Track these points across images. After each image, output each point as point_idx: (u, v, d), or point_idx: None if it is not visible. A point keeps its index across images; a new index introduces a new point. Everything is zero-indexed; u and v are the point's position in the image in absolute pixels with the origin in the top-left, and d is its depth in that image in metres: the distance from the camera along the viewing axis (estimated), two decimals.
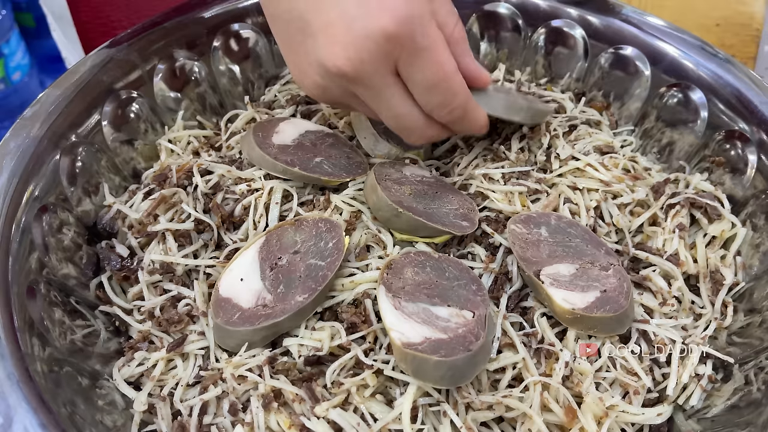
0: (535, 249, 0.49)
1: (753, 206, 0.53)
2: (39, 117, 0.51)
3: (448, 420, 0.41)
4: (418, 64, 0.43)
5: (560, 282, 0.47)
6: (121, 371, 0.45)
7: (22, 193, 0.47)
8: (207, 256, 0.51)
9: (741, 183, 0.55)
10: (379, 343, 0.45)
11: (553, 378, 0.43)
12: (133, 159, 0.58)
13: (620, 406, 0.44)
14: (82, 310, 0.47)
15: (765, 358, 0.45)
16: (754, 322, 0.48)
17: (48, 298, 0.44)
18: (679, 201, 0.54)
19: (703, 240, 0.53)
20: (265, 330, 0.44)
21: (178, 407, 0.43)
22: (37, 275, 0.45)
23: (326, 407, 0.41)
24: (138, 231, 0.51)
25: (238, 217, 0.52)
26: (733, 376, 0.46)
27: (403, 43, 0.42)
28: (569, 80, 0.67)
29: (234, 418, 0.42)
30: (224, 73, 0.65)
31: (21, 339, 0.39)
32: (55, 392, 0.38)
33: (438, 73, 0.44)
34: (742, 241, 0.53)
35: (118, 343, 0.48)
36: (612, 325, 0.46)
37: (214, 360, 0.45)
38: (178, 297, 0.49)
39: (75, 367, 0.42)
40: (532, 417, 0.42)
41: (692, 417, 0.46)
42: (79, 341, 0.45)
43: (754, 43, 0.87)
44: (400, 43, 0.42)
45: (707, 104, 0.58)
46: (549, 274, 0.47)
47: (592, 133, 0.61)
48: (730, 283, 0.51)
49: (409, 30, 0.42)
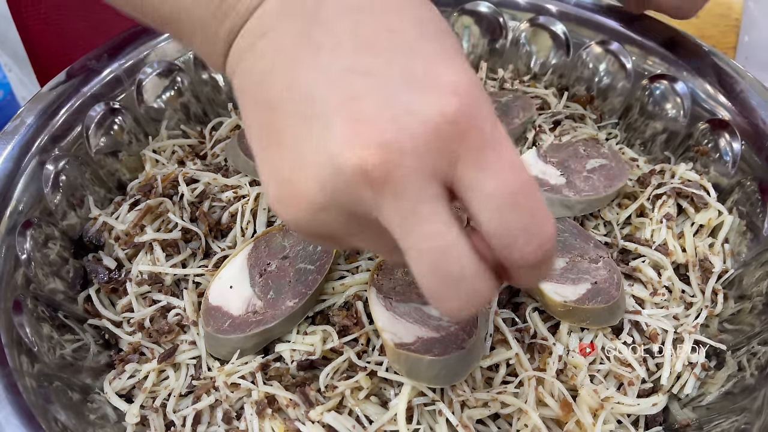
0: None
1: (738, 193, 0.54)
2: (20, 131, 0.51)
3: (443, 419, 0.41)
4: (489, 166, 0.28)
5: (551, 275, 0.47)
6: (112, 384, 0.45)
7: (5, 208, 0.46)
8: (195, 265, 0.50)
9: (726, 171, 0.55)
10: (372, 344, 0.45)
11: (547, 372, 0.43)
12: (117, 170, 0.58)
13: (615, 398, 0.44)
14: (70, 324, 0.47)
15: (757, 343, 0.45)
16: (744, 308, 0.49)
17: (35, 314, 0.44)
18: (666, 191, 0.54)
19: (691, 229, 0.53)
20: (256, 336, 0.44)
21: (171, 418, 0.43)
22: (24, 290, 0.44)
23: (321, 411, 0.41)
24: (125, 242, 0.51)
25: (226, 224, 0.52)
26: (726, 363, 0.46)
27: (467, 132, 0.27)
28: (552, 76, 0.67)
29: (228, 427, 0.42)
30: (207, 82, 0.65)
31: (9, 355, 0.39)
32: (46, 408, 0.38)
33: (518, 181, 0.28)
34: (730, 229, 0.53)
35: (109, 356, 0.48)
36: (604, 316, 0.46)
37: (206, 369, 0.45)
38: (167, 307, 0.48)
39: (65, 381, 0.42)
40: (527, 412, 0.41)
41: (687, 405, 0.46)
42: (68, 356, 0.44)
43: (734, 33, 0.88)
44: (463, 132, 0.27)
45: (690, 95, 0.59)
46: None
47: (577, 127, 0.61)
48: (719, 270, 0.51)
49: (476, 114, 0.27)
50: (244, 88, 0.32)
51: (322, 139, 0.27)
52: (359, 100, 0.27)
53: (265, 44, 0.31)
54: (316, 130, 0.28)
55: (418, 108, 0.27)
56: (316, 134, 0.28)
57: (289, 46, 0.29)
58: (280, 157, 0.29)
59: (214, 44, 0.33)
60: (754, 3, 0.88)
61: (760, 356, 0.44)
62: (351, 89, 0.27)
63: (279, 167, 0.29)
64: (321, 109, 0.28)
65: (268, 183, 0.30)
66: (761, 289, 0.48)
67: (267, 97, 0.30)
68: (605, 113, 0.65)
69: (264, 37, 0.31)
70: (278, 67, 0.30)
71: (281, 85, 0.29)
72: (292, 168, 0.29)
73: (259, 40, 0.31)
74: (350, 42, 0.28)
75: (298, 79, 0.29)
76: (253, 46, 0.31)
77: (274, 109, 0.29)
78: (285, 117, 0.29)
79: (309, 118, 0.28)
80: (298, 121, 0.28)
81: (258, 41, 0.31)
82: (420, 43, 0.29)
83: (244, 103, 0.32)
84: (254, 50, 0.31)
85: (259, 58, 0.31)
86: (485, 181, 0.28)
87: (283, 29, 0.30)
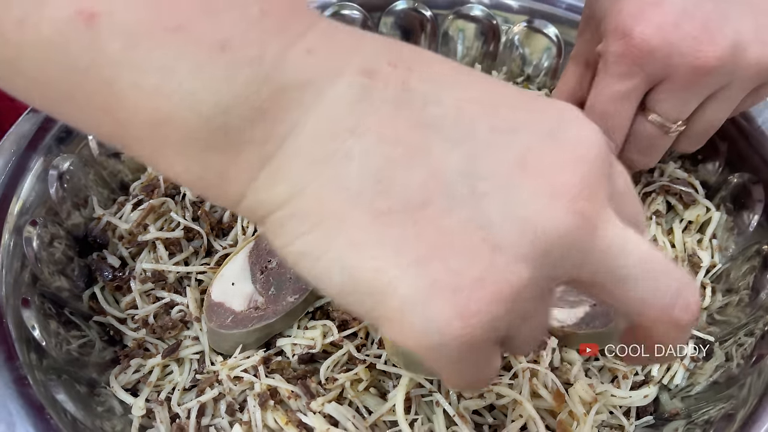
0: None
1: (726, 191, 0.55)
2: (24, 133, 0.52)
3: (440, 409, 0.42)
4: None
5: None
6: (117, 378, 0.46)
7: (12, 208, 0.47)
8: (198, 263, 0.52)
9: (713, 169, 0.57)
10: (371, 338, 0.46)
11: (541, 364, 0.45)
12: (120, 171, 0.59)
13: (609, 391, 0.45)
14: (76, 321, 0.48)
15: (743, 334, 0.47)
16: (731, 301, 0.50)
17: (43, 310, 0.45)
18: (655, 189, 0.56)
19: (680, 225, 0.55)
20: (258, 332, 0.45)
21: (176, 410, 0.44)
22: (31, 288, 0.45)
23: (321, 402, 0.42)
24: (128, 241, 0.52)
25: (227, 223, 0.53)
26: (714, 354, 0.48)
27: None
28: (545, 77, 0.69)
29: (232, 418, 0.43)
30: None
31: (19, 349, 0.40)
32: (55, 399, 0.39)
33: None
34: (717, 225, 0.54)
35: (114, 352, 0.49)
36: (601, 341, 0.46)
37: (210, 363, 0.46)
38: (171, 304, 0.49)
39: (72, 375, 0.43)
40: (522, 403, 0.43)
41: (676, 396, 0.47)
42: (74, 351, 0.46)
43: None
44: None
45: None
46: None
47: None
48: (707, 265, 0.52)
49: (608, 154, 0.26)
50: (339, 198, 0.23)
51: (509, 212, 0.23)
52: (530, 157, 0.24)
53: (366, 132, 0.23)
54: (492, 206, 0.23)
55: (582, 140, 0.25)
56: (494, 212, 0.23)
57: (404, 134, 0.23)
58: (448, 261, 0.23)
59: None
60: None
61: (746, 347, 0.45)
62: (517, 149, 0.24)
63: (450, 272, 0.23)
64: (492, 183, 0.23)
65: (432, 300, 0.23)
66: (747, 283, 0.49)
67: (404, 197, 0.23)
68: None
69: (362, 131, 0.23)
70: (401, 163, 0.23)
71: (420, 179, 0.23)
72: (472, 260, 0.23)
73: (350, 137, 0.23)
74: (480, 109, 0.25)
75: (441, 165, 0.23)
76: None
77: (420, 206, 0.23)
78: (440, 212, 0.23)
79: (477, 198, 0.23)
80: (460, 208, 0.23)
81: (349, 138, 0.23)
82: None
83: (351, 220, 0.23)
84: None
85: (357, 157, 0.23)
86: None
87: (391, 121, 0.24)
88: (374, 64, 0.24)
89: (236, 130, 0.22)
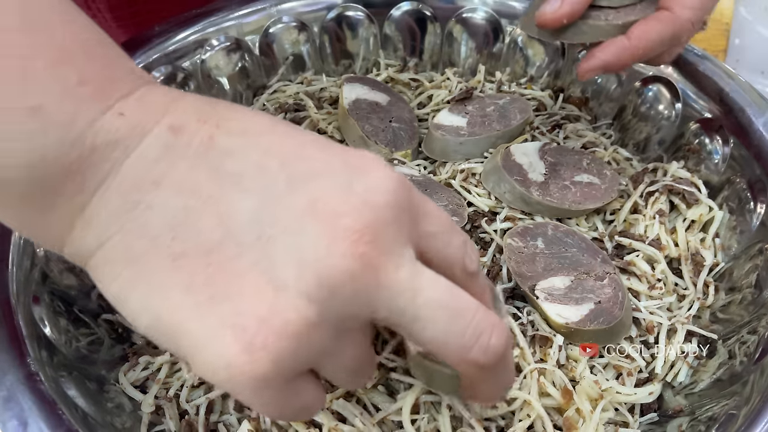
0: (531, 263, 0.49)
1: (728, 190, 0.56)
2: None
3: (446, 409, 0.42)
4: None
5: (554, 296, 0.47)
6: (126, 375, 0.46)
7: None
8: None
9: (716, 169, 0.57)
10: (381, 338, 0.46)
11: (548, 363, 0.45)
12: None
13: (614, 388, 0.45)
14: (85, 319, 0.48)
15: (746, 332, 0.47)
16: (734, 299, 0.51)
17: (53, 308, 0.45)
18: (658, 188, 0.56)
19: (683, 224, 0.55)
20: None
21: (184, 407, 0.44)
22: (41, 286, 0.46)
23: (330, 398, 0.42)
24: None
25: None
26: (717, 351, 0.48)
27: (410, 201, 0.28)
28: (548, 78, 0.70)
29: (240, 415, 0.44)
30: (212, 85, 0.66)
31: (30, 346, 0.40)
32: (66, 395, 0.39)
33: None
34: (720, 224, 0.55)
35: (122, 350, 0.49)
36: (607, 337, 0.46)
37: None
38: None
39: (82, 372, 0.43)
40: (531, 403, 0.43)
41: (680, 393, 0.47)
42: (84, 348, 0.46)
43: (724, 36, 0.90)
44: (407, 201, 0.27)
45: (681, 96, 0.61)
46: (544, 289, 0.48)
47: (579, 131, 0.63)
48: (710, 264, 0.53)
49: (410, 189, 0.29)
50: (141, 245, 0.25)
51: (292, 254, 0.25)
52: (320, 204, 0.25)
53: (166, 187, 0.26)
54: (278, 250, 0.25)
55: (373, 187, 0.26)
56: (279, 255, 0.25)
57: (202, 185, 0.26)
58: (235, 301, 0.25)
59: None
60: (745, 7, 0.91)
61: (749, 345, 0.46)
62: (309, 196, 0.26)
63: (237, 312, 0.25)
64: (279, 228, 0.25)
65: (220, 338, 0.24)
66: (750, 281, 0.50)
67: (196, 242, 0.25)
68: (600, 115, 0.67)
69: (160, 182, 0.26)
70: (194, 211, 0.25)
71: (211, 225, 0.25)
72: (257, 301, 0.25)
73: (152, 189, 0.26)
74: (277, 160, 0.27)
75: (232, 212, 0.25)
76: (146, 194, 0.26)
77: (211, 251, 0.25)
78: (230, 256, 0.25)
79: (264, 243, 0.25)
80: (248, 252, 0.25)
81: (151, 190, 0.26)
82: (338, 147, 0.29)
83: (151, 264, 0.25)
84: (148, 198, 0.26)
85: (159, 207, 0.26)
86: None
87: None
88: (183, 121, 0.26)
89: (48, 186, 0.25)
